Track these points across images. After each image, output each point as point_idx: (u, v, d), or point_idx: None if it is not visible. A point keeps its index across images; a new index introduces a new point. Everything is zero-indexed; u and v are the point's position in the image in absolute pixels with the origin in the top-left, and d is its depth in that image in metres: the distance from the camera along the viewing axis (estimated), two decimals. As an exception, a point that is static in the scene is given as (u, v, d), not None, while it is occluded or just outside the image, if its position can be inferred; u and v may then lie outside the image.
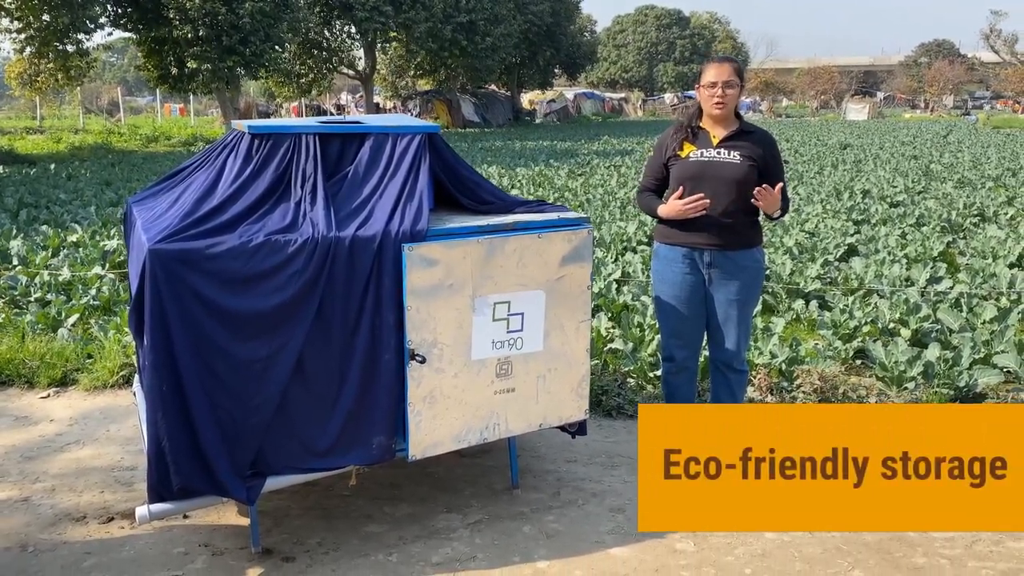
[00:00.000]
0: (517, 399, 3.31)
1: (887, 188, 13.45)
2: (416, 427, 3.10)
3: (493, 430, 3.29)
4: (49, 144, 23.97)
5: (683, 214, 3.56)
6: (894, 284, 6.84)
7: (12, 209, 11.23)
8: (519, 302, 3.21)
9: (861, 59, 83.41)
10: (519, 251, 3.15)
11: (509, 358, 3.25)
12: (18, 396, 4.77)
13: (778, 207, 3.55)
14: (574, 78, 54.37)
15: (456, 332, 3.10)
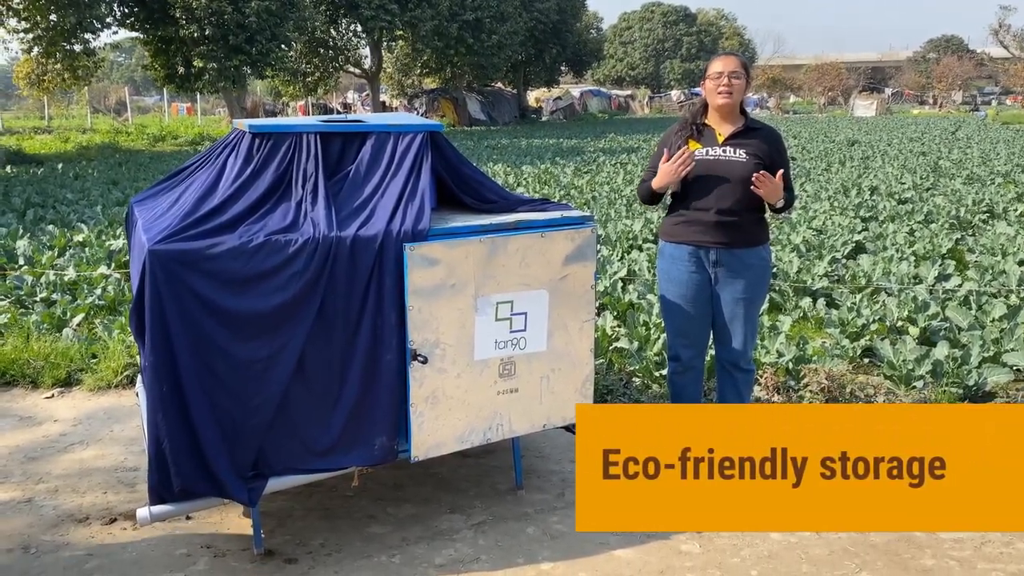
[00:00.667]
0: (520, 399, 3.28)
1: (895, 185, 13.38)
2: (418, 428, 3.08)
3: (496, 431, 3.27)
4: (57, 144, 24.03)
5: (675, 174, 3.52)
6: (902, 282, 6.79)
7: (19, 209, 11.26)
8: (522, 302, 3.19)
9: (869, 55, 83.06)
10: (522, 250, 3.12)
11: (512, 358, 3.22)
12: (22, 396, 4.77)
13: (780, 196, 3.51)
14: (580, 76, 54.39)
15: (458, 332, 3.07)
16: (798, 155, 19.35)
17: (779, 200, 3.53)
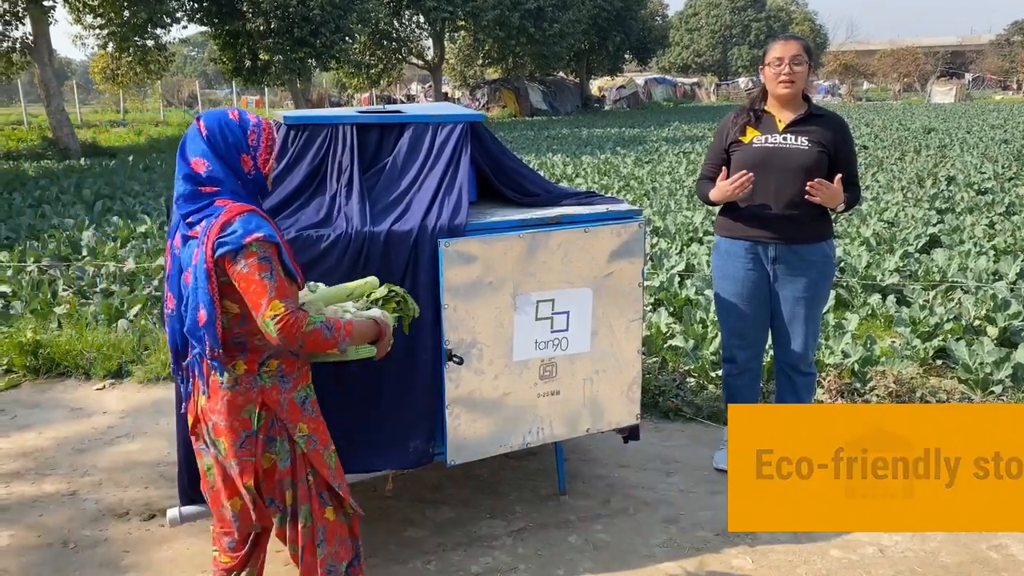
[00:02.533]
0: (562, 402, 3.13)
1: (974, 174, 12.71)
2: (454, 431, 2.96)
3: (536, 434, 3.13)
4: (131, 137, 24.74)
5: (732, 195, 3.32)
6: (980, 278, 6.38)
7: (89, 201, 11.56)
8: (564, 300, 3.03)
9: (948, 39, 79.72)
10: (564, 246, 2.97)
11: (553, 359, 3.07)
12: (75, 387, 4.82)
13: (840, 200, 3.28)
14: (645, 63, 53.53)
15: (496, 332, 2.94)
16: (870, 143, 18.62)
17: (839, 204, 3.30)
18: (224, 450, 2.13)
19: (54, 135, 20.11)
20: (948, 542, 3.08)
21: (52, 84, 20.10)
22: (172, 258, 2.14)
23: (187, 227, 2.07)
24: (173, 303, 2.14)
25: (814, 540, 3.13)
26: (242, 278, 1.97)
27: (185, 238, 2.08)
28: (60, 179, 14.15)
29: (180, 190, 2.08)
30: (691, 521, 3.28)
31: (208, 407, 2.13)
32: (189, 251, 2.04)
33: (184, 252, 2.07)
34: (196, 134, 2.08)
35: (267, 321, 1.96)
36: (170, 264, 2.15)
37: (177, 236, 2.11)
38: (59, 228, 9.06)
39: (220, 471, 2.22)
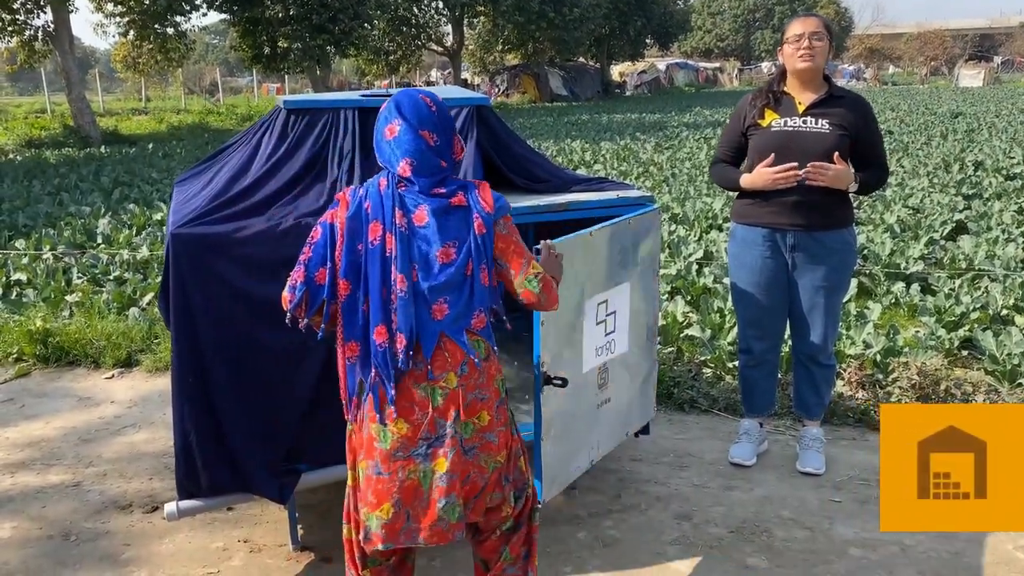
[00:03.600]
0: (613, 410, 3.01)
1: (1003, 159, 12.40)
2: (549, 461, 2.67)
3: (596, 450, 2.97)
4: (152, 124, 24.85)
5: (772, 185, 3.19)
6: (1008, 266, 6.19)
7: (107, 188, 11.59)
8: (613, 299, 2.89)
9: (976, 21, 78.23)
10: (616, 240, 2.80)
11: (607, 364, 2.93)
12: (84, 376, 4.80)
13: (849, 180, 3.15)
14: (666, 48, 52.91)
15: (571, 343, 2.71)
16: (895, 128, 18.27)
17: (850, 184, 3.16)
18: (484, 423, 2.05)
19: (75, 123, 20.25)
20: (973, 542, 2.96)
21: (73, 72, 20.21)
22: (397, 234, 1.96)
23: (435, 199, 1.98)
24: (406, 284, 1.96)
25: (832, 539, 3.02)
26: (506, 240, 2.02)
27: (442, 210, 1.98)
28: (80, 167, 14.22)
29: (419, 163, 1.98)
30: (704, 517, 3.18)
31: (464, 385, 2.01)
32: (458, 224, 1.98)
33: (438, 220, 1.97)
34: (424, 105, 2.02)
35: (530, 278, 2.01)
36: (394, 242, 1.96)
37: (397, 213, 1.97)
38: (76, 216, 9.08)
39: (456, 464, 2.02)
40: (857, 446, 3.76)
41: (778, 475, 3.50)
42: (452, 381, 2.01)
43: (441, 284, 1.97)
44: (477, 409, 2.04)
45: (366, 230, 1.98)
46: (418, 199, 1.99)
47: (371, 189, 2.03)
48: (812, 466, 3.49)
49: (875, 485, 3.40)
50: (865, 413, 4.01)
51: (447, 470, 2.02)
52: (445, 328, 1.99)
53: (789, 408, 3.98)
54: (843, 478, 3.46)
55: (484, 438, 2.07)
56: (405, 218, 1.97)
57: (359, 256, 1.98)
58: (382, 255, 1.96)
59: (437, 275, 1.97)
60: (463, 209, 2.00)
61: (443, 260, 1.97)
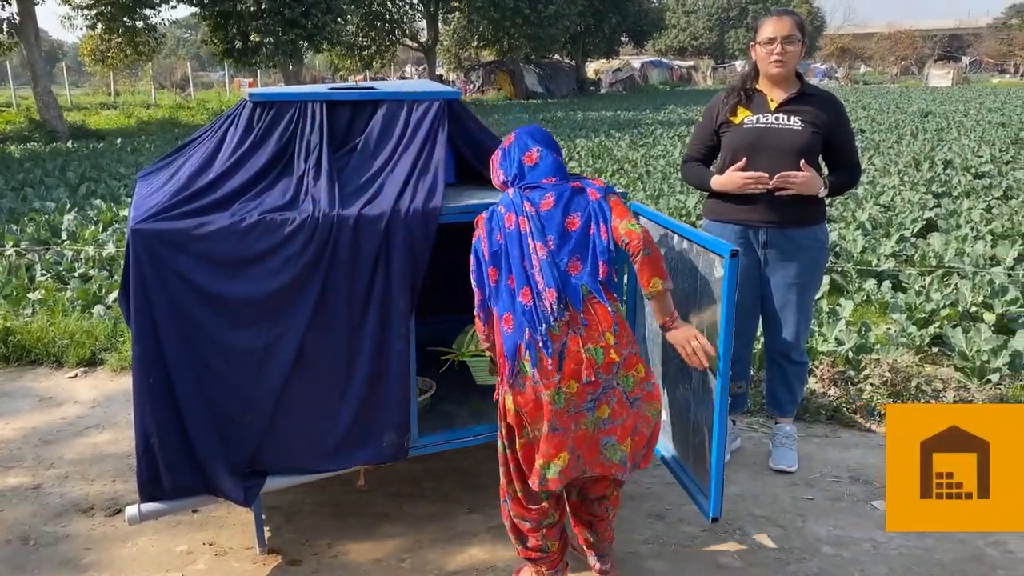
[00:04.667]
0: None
1: (971, 158, 12.56)
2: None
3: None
4: (121, 119, 24.44)
5: (742, 189, 3.18)
6: (977, 263, 6.25)
7: (73, 183, 11.38)
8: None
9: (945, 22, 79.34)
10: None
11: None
12: (46, 376, 4.68)
13: (819, 186, 3.15)
14: (641, 46, 53.10)
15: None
16: (867, 127, 18.45)
17: (819, 189, 3.15)
18: (641, 375, 2.37)
19: (41, 117, 19.87)
20: (944, 539, 2.97)
21: (39, 65, 19.83)
22: (529, 217, 2.37)
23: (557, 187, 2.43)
24: (544, 249, 2.33)
25: (805, 537, 3.01)
26: (613, 204, 2.42)
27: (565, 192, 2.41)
28: (45, 162, 13.96)
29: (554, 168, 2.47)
30: (677, 516, 3.16)
31: (619, 342, 2.33)
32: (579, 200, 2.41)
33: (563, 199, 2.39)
34: (549, 135, 2.58)
35: (632, 224, 2.35)
36: (527, 222, 2.37)
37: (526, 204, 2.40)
38: (40, 212, 8.88)
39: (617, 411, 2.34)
40: (830, 443, 3.76)
41: (751, 473, 3.49)
42: (610, 339, 2.31)
43: (573, 244, 2.35)
44: (634, 363, 2.36)
45: (503, 223, 2.40)
46: (544, 192, 2.41)
47: (502, 199, 2.48)
48: (785, 464, 3.49)
49: (848, 483, 3.40)
50: (837, 410, 4.02)
51: (608, 416, 2.34)
52: (584, 281, 2.33)
53: (762, 405, 3.97)
54: (816, 475, 3.46)
55: (644, 388, 2.38)
56: (533, 206, 2.39)
57: (499, 245, 2.38)
58: (518, 234, 2.36)
59: (569, 238, 2.36)
60: (581, 190, 2.43)
61: (571, 227, 2.37)
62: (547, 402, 2.28)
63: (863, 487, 3.36)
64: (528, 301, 2.30)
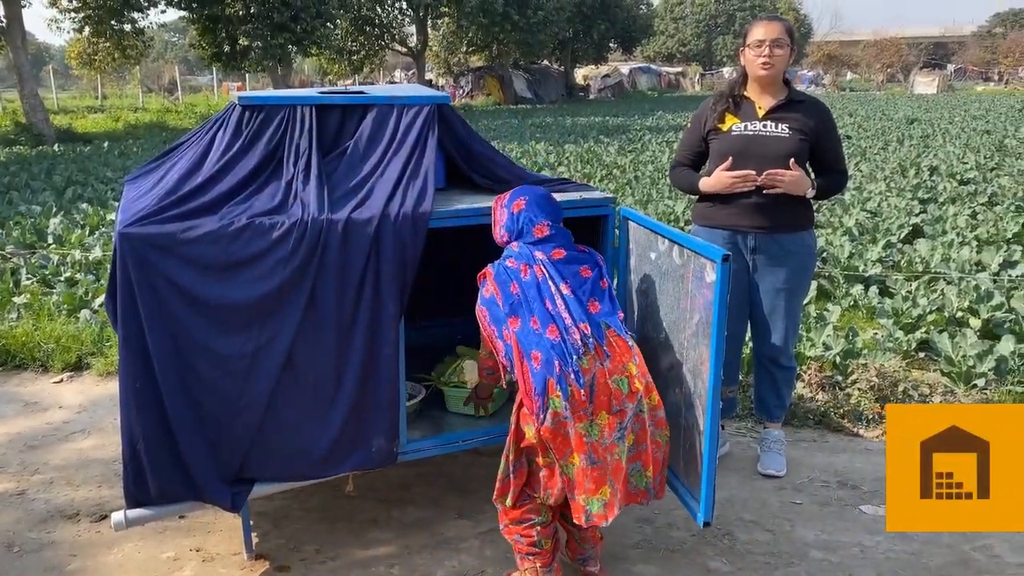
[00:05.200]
0: None
1: (957, 164, 12.67)
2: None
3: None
4: (108, 123, 24.27)
5: (730, 188, 3.19)
6: (963, 269, 6.30)
7: (59, 187, 11.30)
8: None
9: (931, 30, 79.97)
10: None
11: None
12: (31, 380, 4.64)
13: (807, 187, 3.16)
14: (630, 52, 53.27)
15: None
16: (853, 133, 18.57)
17: (807, 190, 3.17)
18: (655, 402, 2.43)
19: (27, 120, 19.73)
20: (931, 543, 2.98)
21: (25, 68, 19.70)
22: (544, 265, 2.47)
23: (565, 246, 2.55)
24: (569, 288, 2.44)
25: (793, 542, 3.02)
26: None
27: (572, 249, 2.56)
28: (31, 165, 13.85)
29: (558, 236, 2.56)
30: (666, 521, 3.16)
31: (640, 371, 2.41)
32: (582, 256, 2.56)
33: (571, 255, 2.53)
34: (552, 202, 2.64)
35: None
36: (543, 269, 2.47)
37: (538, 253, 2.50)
38: (26, 215, 8.82)
39: (641, 437, 2.41)
40: (818, 448, 3.77)
41: (739, 477, 3.50)
42: (632, 369, 2.39)
43: (588, 288, 2.46)
44: (651, 389, 2.42)
45: (518, 274, 2.45)
46: (553, 245, 2.51)
47: (508, 252, 2.54)
48: (773, 468, 3.50)
49: (835, 487, 3.41)
50: (825, 415, 4.03)
51: (633, 443, 2.40)
52: (604, 318, 2.42)
53: (750, 410, 3.98)
54: (804, 480, 3.47)
55: (656, 415, 2.44)
56: (545, 255, 2.48)
57: (515, 296, 2.42)
58: (535, 281, 2.44)
59: (584, 282, 2.47)
60: (585, 252, 2.58)
61: (584, 275, 2.49)
62: (581, 434, 2.31)
63: (851, 491, 3.37)
64: (556, 337, 2.34)
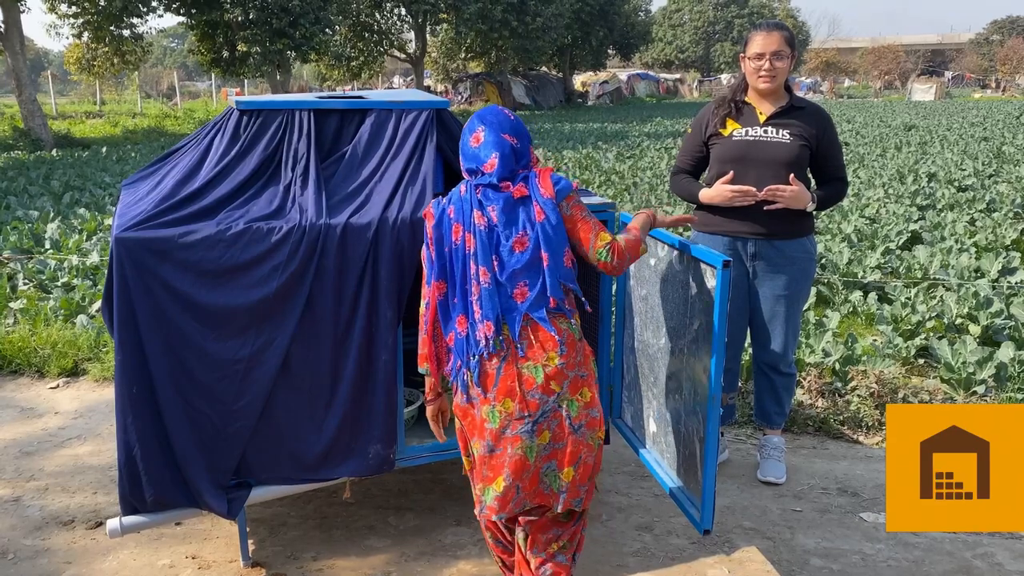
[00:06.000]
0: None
1: (955, 171, 12.68)
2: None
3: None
4: (106, 128, 24.28)
5: (730, 202, 3.18)
6: (962, 275, 6.30)
7: (57, 192, 11.28)
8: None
9: (928, 37, 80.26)
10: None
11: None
12: (27, 386, 4.62)
13: (807, 200, 3.15)
14: (628, 59, 53.45)
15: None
16: (851, 140, 18.60)
17: (807, 203, 3.16)
18: (587, 399, 2.24)
19: (26, 126, 19.73)
20: (932, 550, 2.96)
21: (24, 73, 19.70)
22: (476, 233, 2.18)
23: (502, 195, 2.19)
24: (488, 275, 2.17)
25: (793, 549, 3.00)
26: (571, 220, 2.22)
27: (508, 205, 2.19)
28: (29, 170, 13.83)
29: (499, 159, 2.21)
30: (666, 528, 3.14)
31: (565, 364, 2.19)
32: (523, 210, 2.19)
33: (507, 214, 2.18)
34: (505, 115, 2.30)
35: (600, 250, 2.21)
36: (473, 240, 2.18)
37: (476, 214, 2.19)
38: (23, 220, 8.80)
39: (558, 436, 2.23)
40: (817, 455, 3.76)
41: (739, 484, 3.48)
42: (555, 359, 2.18)
43: (519, 269, 2.17)
44: (580, 386, 2.24)
45: (450, 233, 2.22)
46: (491, 199, 2.20)
47: (453, 196, 2.27)
48: (773, 475, 3.48)
49: (836, 494, 3.39)
50: (825, 422, 4.02)
51: (549, 441, 2.22)
52: (528, 309, 2.18)
53: (750, 417, 3.97)
54: (804, 487, 3.45)
55: (589, 414, 2.26)
56: (484, 217, 2.19)
57: (446, 258, 2.24)
58: (463, 253, 2.20)
59: (515, 263, 2.17)
60: (526, 199, 2.20)
61: (518, 249, 2.17)
62: (484, 419, 2.22)
63: (851, 499, 3.35)
64: (463, 330, 2.21)
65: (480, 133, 2.26)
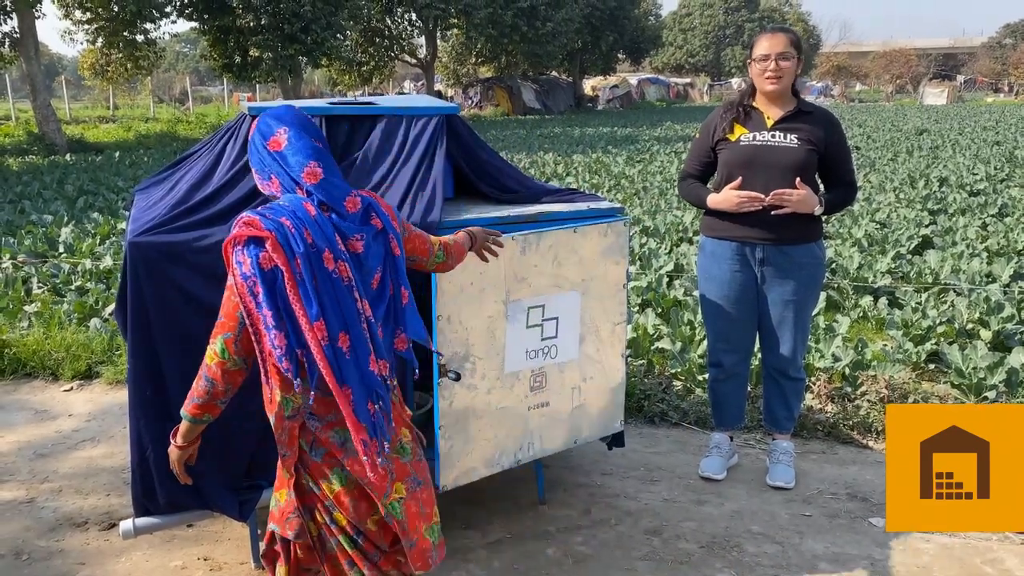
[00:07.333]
0: (551, 414, 2.99)
1: (967, 175, 12.63)
2: (447, 454, 2.78)
3: (527, 450, 2.98)
4: (120, 133, 24.43)
5: (737, 208, 3.20)
6: (973, 280, 6.27)
7: (71, 196, 11.37)
8: (553, 305, 2.89)
9: (940, 41, 79.93)
10: (555, 248, 2.82)
11: (543, 368, 2.93)
12: (41, 389, 4.67)
13: (814, 204, 3.16)
14: (638, 63, 53.38)
15: (488, 342, 2.77)
16: (862, 144, 18.55)
17: (815, 207, 3.17)
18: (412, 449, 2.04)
19: (40, 130, 19.88)
20: (941, 556, 2.96)
21: (38, 79, 19.87)
22: (350, 263, 1.79)
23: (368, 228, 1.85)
24: (370, 311, 1.83)
25: (802, 554, 3.00)
26: (409, 240, 2.05)
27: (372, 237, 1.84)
28: (43, 174, 13.95)
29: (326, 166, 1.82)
30: (675, 532, 3.15)
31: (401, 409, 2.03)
32: (378, 245, 1.86)
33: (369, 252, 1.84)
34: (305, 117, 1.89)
35: (438, 254, 2.16)
36: (350, 272, 1.79)
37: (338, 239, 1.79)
38: (37, 224, 8.88)
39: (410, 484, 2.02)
40: (827, 460, 3.76)
41: (748, 489, 3.48)
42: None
43: (385, 310, 1.89)
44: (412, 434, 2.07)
45: (321, 262, 1.76)
46: (352, 228, 1.82)
47: (299, 214, 1.77)
48: (782, 480, 3.48)
49: (845, 499, 3.39)
50: (834, 427, 4.01)
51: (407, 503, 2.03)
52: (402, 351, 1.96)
53: (759, 421, 3.97)
54: (813, 492, 3.45)
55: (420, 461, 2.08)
56: (345, 247, 1.80)
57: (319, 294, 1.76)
58: (343, 284, 1.78)
59: (381, 300, 1.88)
60: (383, 232, 1.88)
61: (375, 286, 1.87)
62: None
63: (860, 504, 3.35)
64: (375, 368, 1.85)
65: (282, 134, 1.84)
